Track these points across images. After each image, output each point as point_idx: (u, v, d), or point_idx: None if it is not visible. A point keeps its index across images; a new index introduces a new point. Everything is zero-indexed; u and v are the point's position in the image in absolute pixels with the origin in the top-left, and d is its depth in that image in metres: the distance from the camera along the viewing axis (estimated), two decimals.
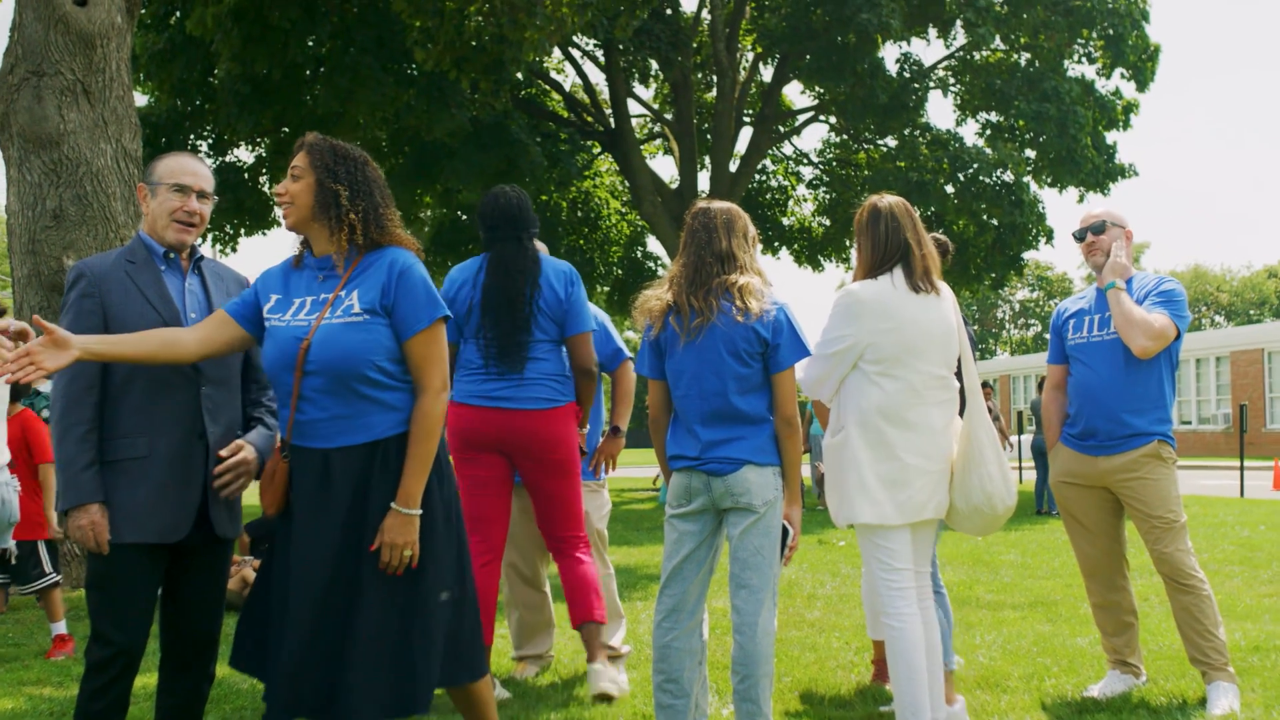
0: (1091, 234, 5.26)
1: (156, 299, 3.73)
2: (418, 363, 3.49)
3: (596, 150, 25.55)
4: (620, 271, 29.88)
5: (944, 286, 4.41)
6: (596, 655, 5.19)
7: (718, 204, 4.31)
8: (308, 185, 3.54)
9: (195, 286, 3.86)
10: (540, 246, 5.40)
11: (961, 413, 4.47)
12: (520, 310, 5.05)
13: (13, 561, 7.06)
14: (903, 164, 22.98)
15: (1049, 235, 23.56)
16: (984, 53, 23.40)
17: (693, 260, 4.20)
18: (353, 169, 3.57)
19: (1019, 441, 23.81)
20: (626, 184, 24.95)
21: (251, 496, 3.90)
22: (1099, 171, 22.29)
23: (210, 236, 21.28)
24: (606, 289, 29.39)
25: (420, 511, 3.45)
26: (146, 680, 5.08)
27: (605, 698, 5.10)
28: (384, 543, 3.39)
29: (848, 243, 26.39)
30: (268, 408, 3.96)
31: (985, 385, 17.05)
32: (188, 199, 3.80)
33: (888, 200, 4.44)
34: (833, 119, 25.30)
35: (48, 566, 6.94)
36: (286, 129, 18.50)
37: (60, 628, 6.67)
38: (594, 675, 5.13)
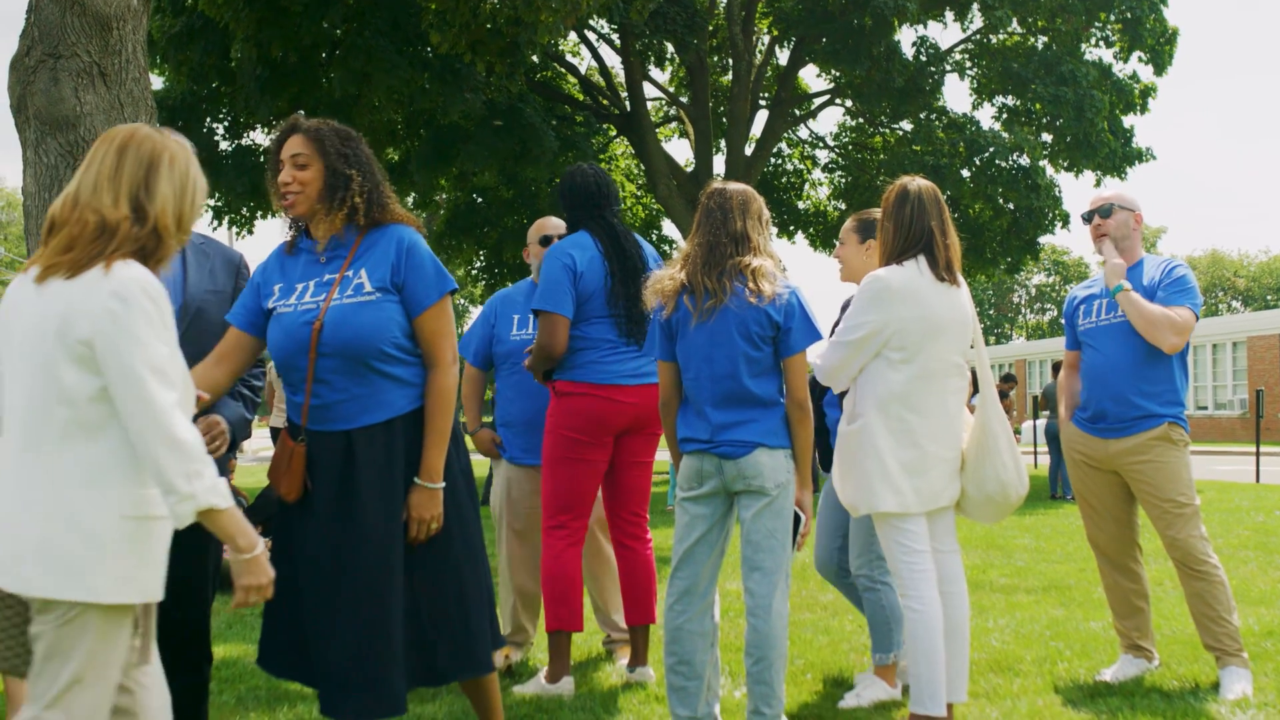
0: (1099, 217, 5.22)
1: None
2: (428, 338, 3.50)
3: (612, 133, 25.45)
4: None
5: (960, 278, 4.41)
6: (645, 659, 5.32)
7: (733, 185, 4.30)
8: (318, 171, 3.50)
9: (173, 264, 3.82)
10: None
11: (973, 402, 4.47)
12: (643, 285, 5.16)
13: None
14: (919, 148, 22.84)
15: (1065, 219, 23.38)
16: (1001, 36, 23.22)
17: (707, 240, 4.18)
18: (357, 149, 3.55)
19: (1034, 427, 23.78)
20: (641, 167, 24.85)
21: (247, 481, 3.88)
22: (1116, 155, 22.12)
23: (226, 220, 21.30)
24: None
25: (444, 484, 3.50)
26: None
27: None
28: (410, 518, 3.44)
29: None
30: (247, 384, 3.87)
31: (1010, 378, 17.02)
32: None
33: (917, 184, 4.40)
34: (849, 102, 25.14)
35: None
36: (303, 112, 18.46)
37: None
38: (643, 675, 5.26)
